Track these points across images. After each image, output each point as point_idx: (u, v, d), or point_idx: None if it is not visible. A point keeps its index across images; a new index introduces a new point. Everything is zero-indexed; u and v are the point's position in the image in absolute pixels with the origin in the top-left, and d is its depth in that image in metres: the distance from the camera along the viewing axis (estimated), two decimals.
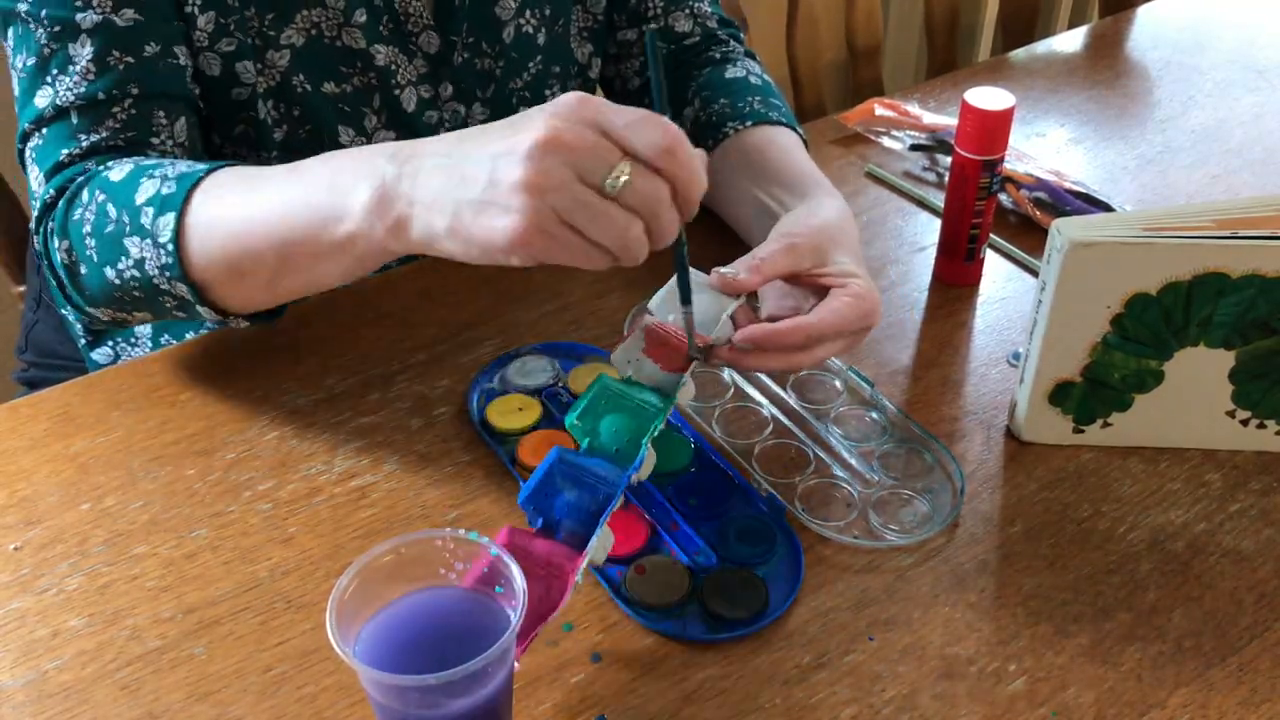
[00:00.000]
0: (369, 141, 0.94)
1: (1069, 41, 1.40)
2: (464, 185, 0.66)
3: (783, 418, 0.86)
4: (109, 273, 0.80)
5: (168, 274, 0.78)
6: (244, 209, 0.75)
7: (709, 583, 0.73)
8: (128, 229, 0.78)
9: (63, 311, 1.06)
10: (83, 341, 1.04)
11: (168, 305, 0.81)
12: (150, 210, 0.77)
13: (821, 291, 0.79)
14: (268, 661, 0.69)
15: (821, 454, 0.83)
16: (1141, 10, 1.46)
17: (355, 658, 0.57)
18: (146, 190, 0.78)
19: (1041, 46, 1.38)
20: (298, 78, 0.91)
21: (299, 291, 0.79)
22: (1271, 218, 0.76)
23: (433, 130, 0.97)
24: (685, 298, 0.74)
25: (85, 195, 0.81)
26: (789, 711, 0.67)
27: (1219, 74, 1.31)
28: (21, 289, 1.18)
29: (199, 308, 0.79)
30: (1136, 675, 0.69)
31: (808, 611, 0.72)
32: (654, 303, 0.78)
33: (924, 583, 0.74)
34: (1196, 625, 0.72)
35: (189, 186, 0.77)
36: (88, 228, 0.80)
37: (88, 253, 0.81)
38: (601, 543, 0.67)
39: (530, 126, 0.64)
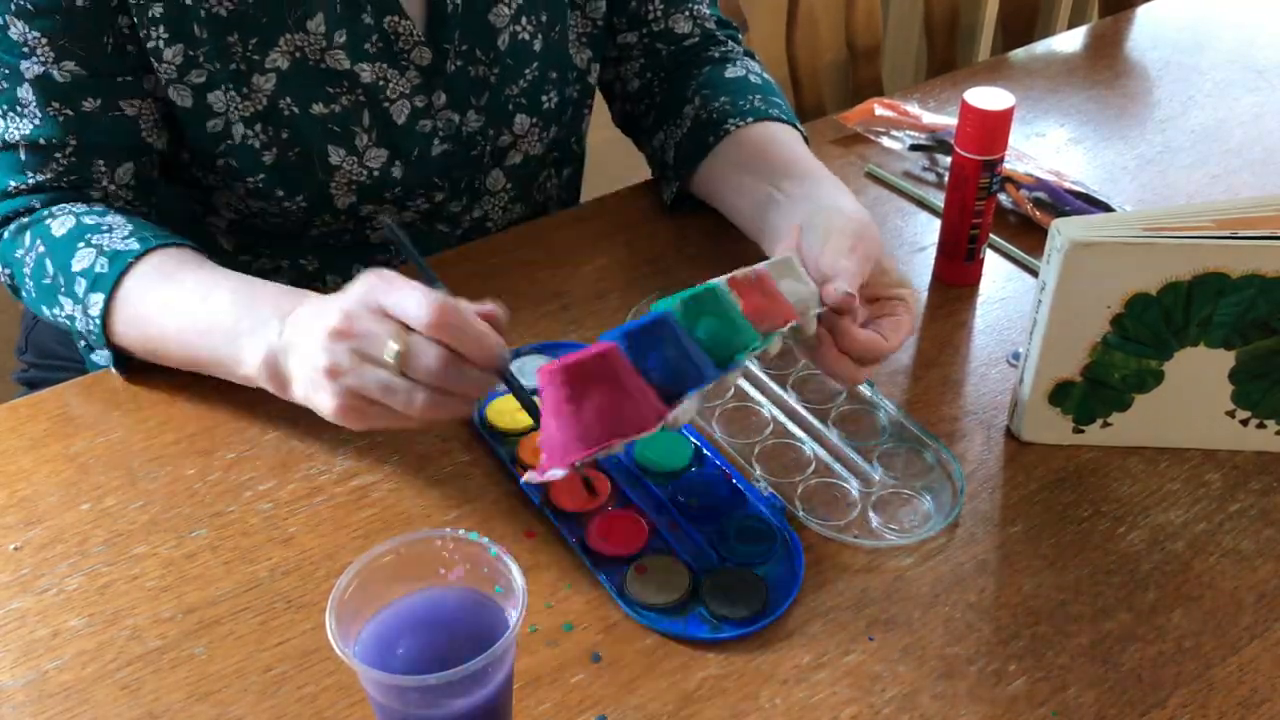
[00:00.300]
0: (360, 160, 0.94)
1: (1069, 41, 1.40)
2: (305, 366, 0.74)
3: (783, 418, 0.86)
4: (44, 310, 0.89)
5: (93, 337, 0.86)
6: (159, 321, 0.83)
7: (709, 582, 0.73)
8: (62, 289, 0.86)
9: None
10: (83, 343, 1.04)
11: (91, 354, 0.91)
12: (83, 282, 0.85)
13: (871, 298, 0.82)
14: (268, 661, 0.69)
15: (822, 454, 0.83)
16: (1141, 10, 1.46)
17: (355, 658, 0.57)
18: (82, 259, 0.85)
19: (1041, 46, 1.38)
20: (284, 100, 0.91)
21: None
22: (1271, 218, 0.76)
23: (426, 139, 0.97)
24: (534, 419, 0.73)
25: (28, 239, 0.88)
26: (789, 711, 0.67)
27: (1219, 74, 1.31)
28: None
29: (113, 368, 0.88)
30: (1136, 675, 0.69)
31: (808, 611, 0.72)
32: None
33: (924, 583, 0.74)
34: (1196, 625, 0.72)
35: (119, 273, 0.84)
36: (28, 269, 0.88)
37: (27, 286, 0.89)
38: (688, 407, 0.69)
39: (332, 314, 0.72)
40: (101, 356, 1.02)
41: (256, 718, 0.66)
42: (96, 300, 0.84)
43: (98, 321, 0.84)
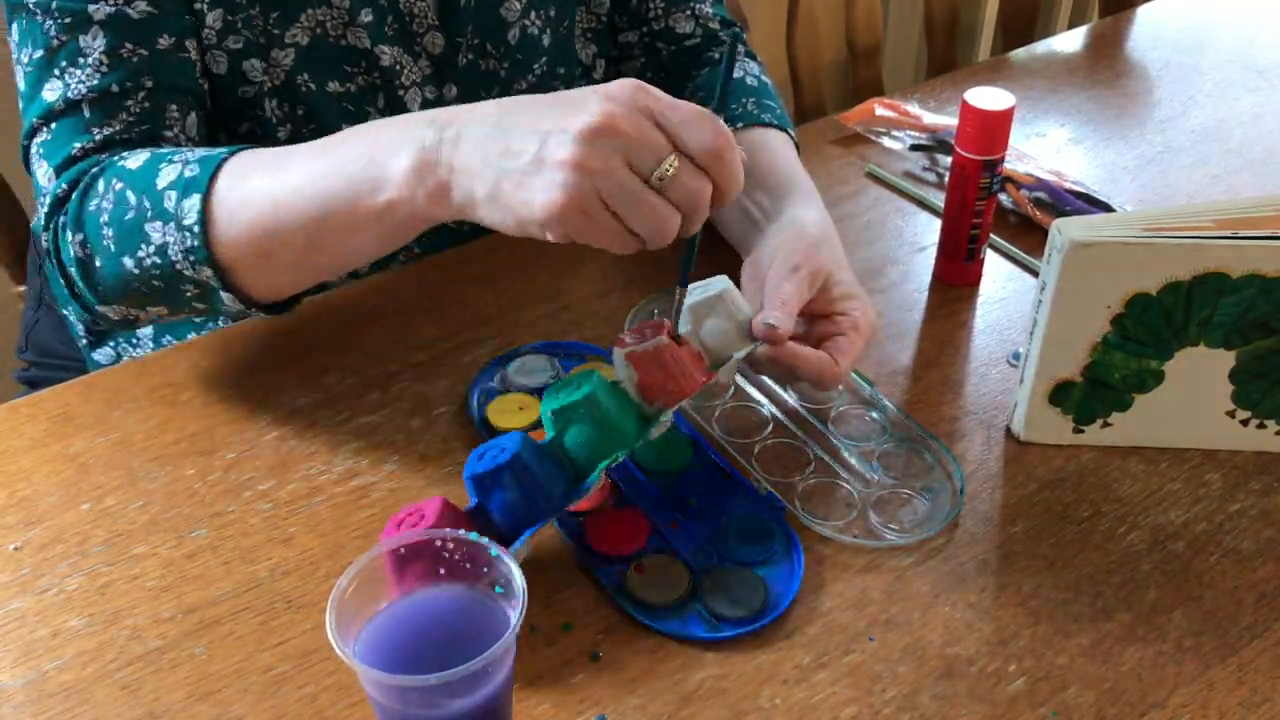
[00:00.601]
0: None
1: (1069, 41, 1.40)
2: (509, 156, 0.66)
3: (782, 417, 0.86)
4: (127, 262, 0.79)
5: (192, 258, 0.76)
6: (273, 186, 0.75)
7: (709, 582, 0.73)
8: (149, 214, 0.77)
9: (64, 311, 1.06)
10: (84, 341, 1.04)
11: (187, 295, 0.80)
12: (173, 194, 0.76)
13: (822, 314, 0.82)
14: (268, 661, 0.69)
15: (821, 453, 0.83)
16: (1141, 10, 1.46)
17: (355, 658, 0.57)
18: (167, 175, 0.77)
19: (1041, 46, 1.38)
20: (302, 77, 0.91)
21: (326, 269, 0.79)
22: (1271, 218, 0.76)
23: None
24: (684, 280, 0.75)
25: (101, 185, 0.80)
26: (789, 711, 0.67)
27: (1219, 74, 1.31)
28: (22, 289, 1.18)
29: (221, 294, 0.78)
30: (1136, 675, 0.69)
31: (808, 611, 0.72)
32: (684, 301, 0.77)
33: (924, 583, 0.74)
34: (1196, 625, 0.72)
35: (214, 168, 0.76)
36: (105, 217, 0.79)
37: (104, 243, 0.79)
38: (516, 555, 0.68)
39: (586, 107, 0.65)
40: (103, 352, 1.01)
41: (257, 718, 0.66)
42: (192, 205, 0.75)
43: (196, 231, 0.75)
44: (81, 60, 0.81)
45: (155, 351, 0.92)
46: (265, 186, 0.75)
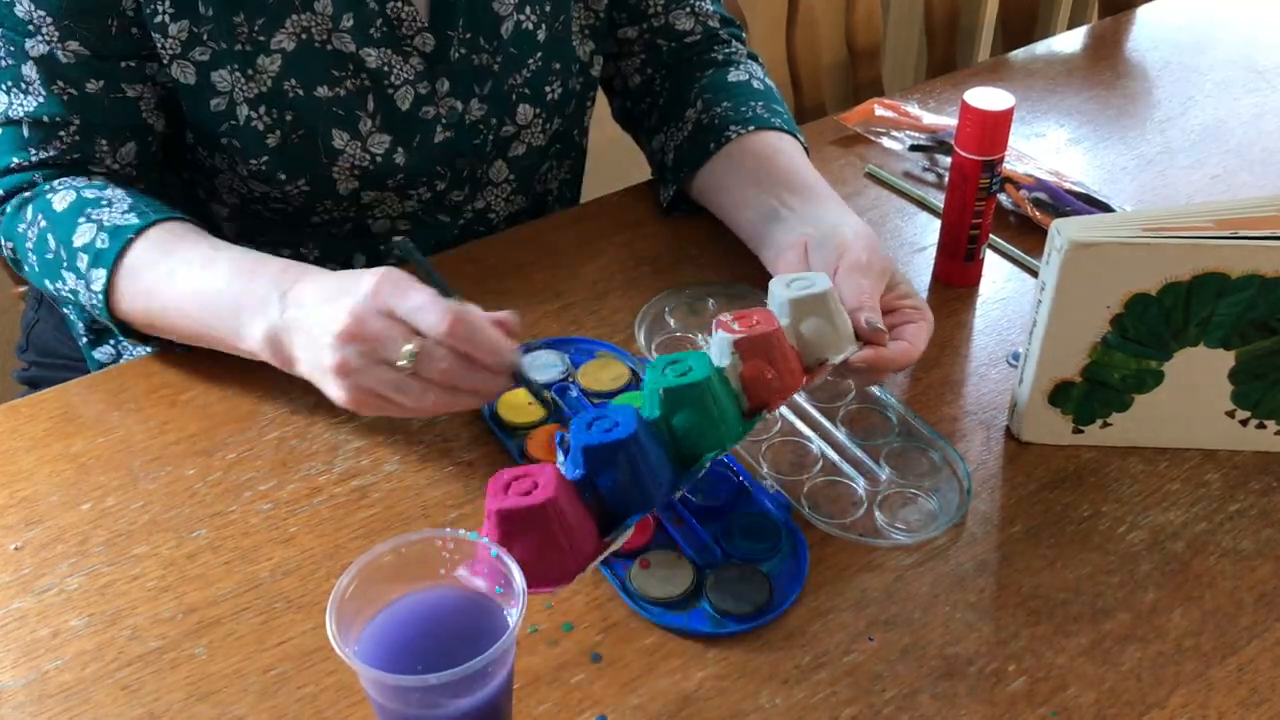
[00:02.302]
0: (364, 145, 0.95)
1: (1069, 42, 1.40)
2: (311, 353, 0.75)
3: (790, 415, 0.86)
4: (48, 284, 0.89)
5: (98, 311, 0.87)
6: (161, 292, 0.84)
7: (714, 578, 0.73)
8: (65, 264, 0.86)
9: (64, 310, 1.07)
10: (84, 340, 1.04)
11: (99, 325, 0.92)
12: (85, 258, 0.85)
13: (885, 310, 0.83)
14: (268, 661, 0.69)
15: (829, 452, 0.83)
16: (1141, 10, 1.46)
17: (355, 658, 0.57)
18: (84, 234, 0.86)
19: (1041, 47, 1.38)
20: (289, 82, 0.91)
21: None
22: (1271, 218, 0.76)
23: (429, 126, 0.97)
24: (543, 406, 0.80)
25: (29, 213, 0.89)
26: (789, 711, 0.67)
27: (1219, 74, 1.31)
28: (22, 289, 1.18)
29: (125, 340, 0.90)
30: (1136, 675, 0.69)
31: (808, 611, 0.72)
32: (775, 292, 0.77)
33: (924, 583, 0.74)
34: (1196, 625, 0.72)
35: (121, 247, 0.84)
36: (30, 244, 0.89)
37: (30, 261, 0.89)
38: (623, 536, 0.68)
39: (340, 313, 0.73)
40: (103, 350, 1.02)
41: (257, 718, 0.66)
42: (99, 276, 0.84)
43: (101, 297, 0.85)
44: (23, 85, 0.88)
45: (156, 352, 0.92)
46: (155, 289, 0.84)
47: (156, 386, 0.87)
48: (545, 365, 0.88)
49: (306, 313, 0.76)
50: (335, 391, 0.75)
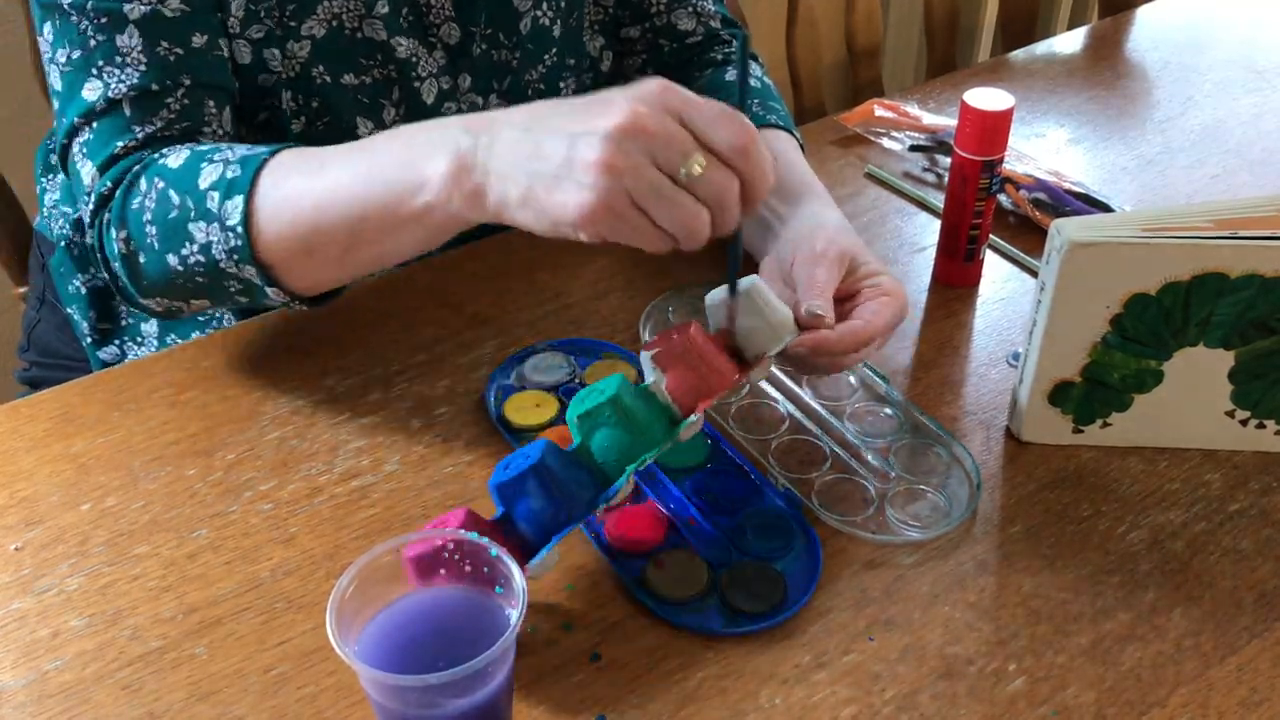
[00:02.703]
0: None
1: (1068, 42, 1.40)
2: (540, 159, 0.67)
3: (799, 414, 0.86)
4: (171, 259, 0.80)
5: (236, 257, 0.78)
6: (314, 187, 0.76)
7: (727, 576, 0.73)
8: (193, 214, 0.78)
9: (68, 310, 1.06)
10: (88, 340, 1.04)
11: (231, 290, 0.81)
12: (216, 194, 0.77)
13: (847, 295, 0.81)
14: (268, 661, 0.69)
15: (838, 450, 0.83)
16: (1141, 11, 1.46)
17: (355, 658, 0.57)
18: (209, 175, 0.78)
19: (1041, 47, 1.38)
20: (317, 69, 0.91)
21: (367, 266, 0.80)
22: (1271, 218, 0.76)
23: None
24: (732, 289, 0.75)
25: (143, 183, 0.81)
26: (789, 711, 0.67)
27: (1218, 74, 1.31)
28: (23, 289, 1.18)
29: (266, 289, 0.80)
30: (1136, 675, 0.69)
31: (808, 611, 0.72)
32: (709, 300, 0.77)
33: (924, 583, 0.74)
34: (1196, 625, 0.72)
35: (255, 168, 0.77)
36: (148, 215, 0.80)
37: (148, 240, 0.81)
38: (544, 563, 0.68)
39: (612, 109, 0.65)
40: (108, 351, 1.01)
41: (257, 718, 0.66)
42: (235, 206, 0.77)
43: (239, 231, 0.77)
44: (119, 59, 0.82)
45: (156, 352, 0.93)
46: (306, 187, 0.76)
47: (156, 386, 0.87)
48: (551, 367, 0.88)
49: (524, 125, 0.68)
50: (579, 196, 0.65)
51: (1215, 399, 0.81)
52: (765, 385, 0.88)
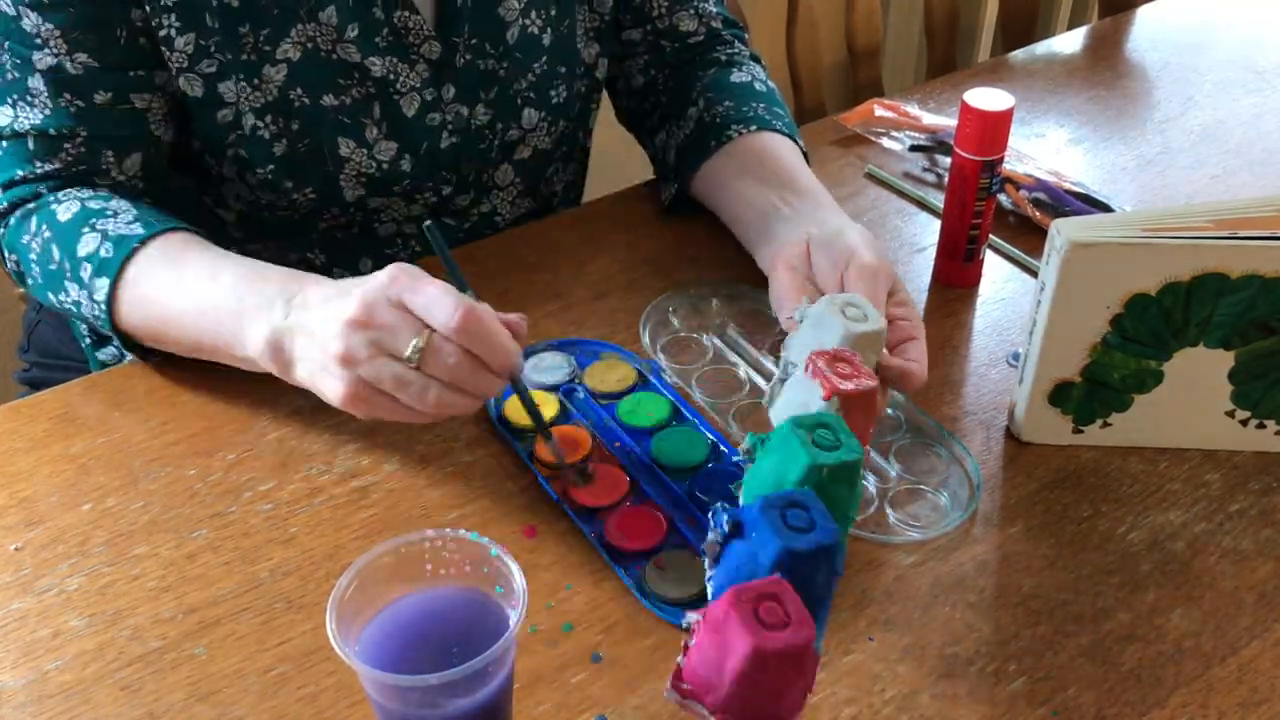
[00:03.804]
0: (370, 152, 0.95)
1: (1068, 42, 1.40)
2: (313, 348, 0.75)
3: None
4: (50, 296, 0.89)
5: (100, 322, 0.86)
6: (163, 302, 0.84)
7: None
8: (68, 274, 0.86)
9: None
10: (87, 341, 1.04)
11: (96, 351, 0.94)
12: (89, 267, 0.85)
13: None
14: (268, 662, 0.69)
15: None
16: (1141, 11, 1.46)
17: (355, 658, 0.57)
18: (87, 244, 0.85)
19: (1041, 47, 1.38)
20: (295, 91, 0.91)
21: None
22: (1271, 218, 0.76)
23: (434, 133, 0.97)
24: (544, 431, 0.79)
25: (34, 224, 0.88)
26: None
27: (1218, 75, 1.31)
28: (23, 290, 1.18)
29: (126, 353, 0.88)
30: (1136, 675, 0.69)
31: None
32: (794, 348, 0.75)
33: (924, 583, 0.74)
34: (1196, 625, 0.72)
35: (124, 257, 0.84)
36: (34, 256, 0.88)
37: (33, 273, 0.89)
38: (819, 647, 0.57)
39: (347, 303, 0.73)
40: (107, 352, 1.02)
41: (257, 718, 0.66)
42: (102, 285, 0.84)
43: (104, 307, 0.84)
44: (30, 98, 0.87)
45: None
46: (157, 299, 0.84)
47: (156, 386, 0.87)
48: (551, 367, 0.88)
49: (312, 313, 0.76)
50: (334, 385, 0.74)
51: (1215, 399, 0.81)
52: (764, 384, 0.88)
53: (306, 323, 0.76)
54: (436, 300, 0.71)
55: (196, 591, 0.73)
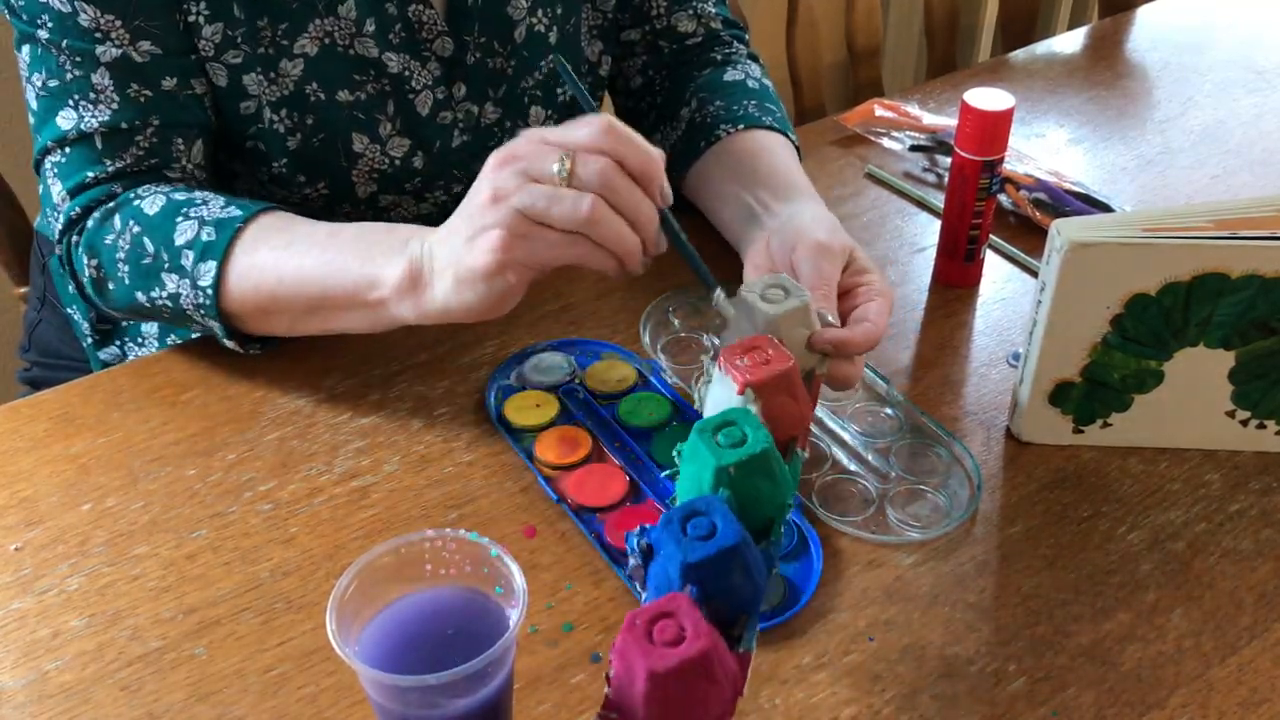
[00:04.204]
0: (383, 148, 0.95)
1: (1068, 42, 1.40)
2: (457, 236, 0.75)
3: None
4: (139, 295, 0.86)
5: (202, 311, 0.83)
6: (284, 263, 0.82)
7: None
8: (166, 266, 0.84)
9: (69, 311, 1.07)
10: (89, 341, 1.04)
11: (192, 328, 0.89)
12: (190, 254, 0.83)
13: (843, 291, 0.82)
14: (268, 662, 0.69)
15: (838, 450, 0.83)
16: (1141, 11, 1.46)
17: (355, 658, 0.57)
18: (185, 232, 0.83)
19: (1041, 47, 1.38)
20: (310, 86, 0.91)
21: (312, 332, 0.85)
22: (1271, 218, 0.76)
23: (446, 131, 0.97)
24: (707, 279, 0.77)
25: (118, 222, 0.86)
26: (789, 711, 0.67)
27: (1218, 75, 1.31)
28: (24, 290, 1.18)
29: (225, 340, 0.86)
30: (1136, 675, 0.69)
31: (808, 611, 0.72)
32: (726, 302, 0.76)
33: (924, 583, 0.74)
34: (1196, 625, 0.72)
35: (230, 235, 0.83)
36: (121, 254, 0.85)
37: (119, 274, 0.86)
38: (751, 641, 0.58)
39: (489, 161, 0.73)
40: (108, 351, 1.02)
41: (257, 718, 0.66)
42: (208, 269, 0.82)
43: (209, 292, 0.82)
44: (94, 95, 0.86)
45: (156, 352, 0.93)
46: (275, 261, 0.82)
47: (157, 386, 0.87)
48: (551, 367, 0.88)
49: (452, 222, 0.76)
50: (487, 236, 0.72)
51: (1215, 399, 0.81)
52: None
53: (446, 231, 0.76)
54: (576, 121, 0.72)
55: (196, 591, 0.73)
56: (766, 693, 0.68)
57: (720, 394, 0.69)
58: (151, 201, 0.85)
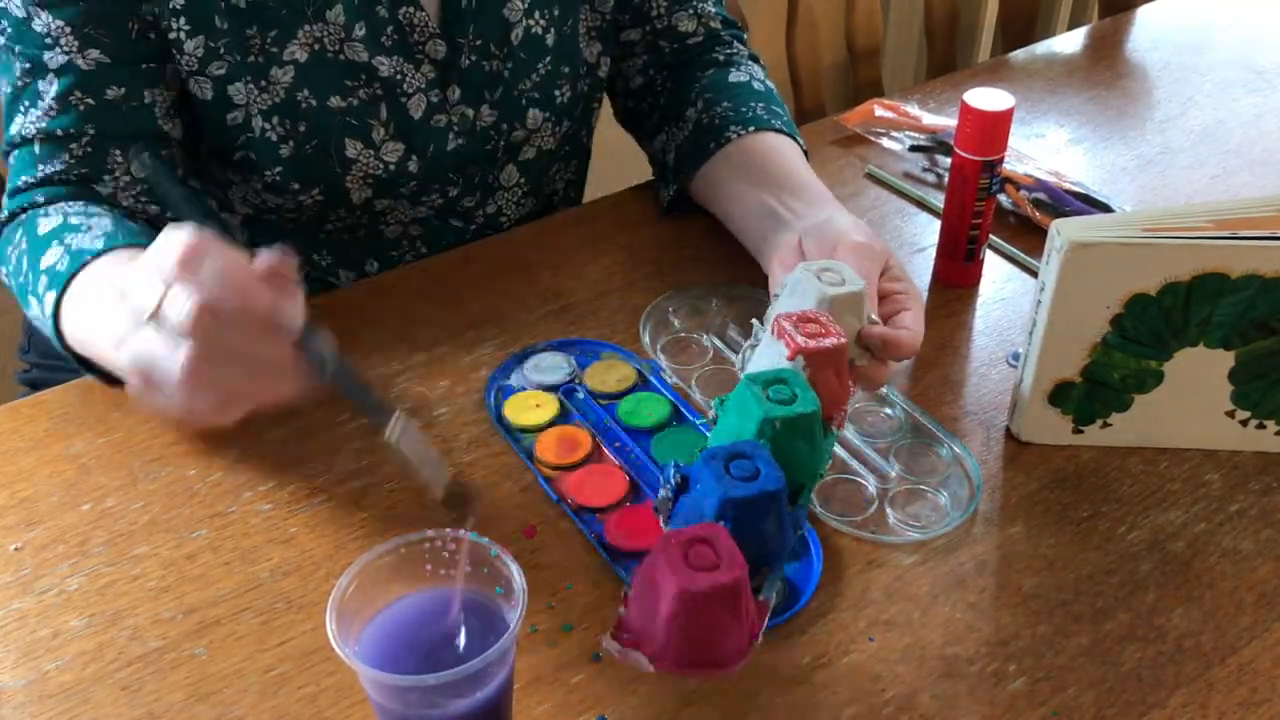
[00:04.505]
0: (377, 153, 0.95)
1: (1068, 42, 1.40)
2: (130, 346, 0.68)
3: None
4: (26, 310, 0.87)
5: (52, 337, 0.83)
6: (80, 321, 0.80)
7: None
8: (29, 288, 0.85)
9: None
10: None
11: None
12: (45, 280, 0.83)
13: (880, 295, 0.83)
14: (268, 662, 0.69)
15: (838, 450, 0.83)
16: (1141, 11, 1.46)
17: (355, 658, 0.57)
18: (49, 258, 0.83)
19: (1041, 47, 1.38)
20: (302, 93, 0.91)
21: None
22: (1271, 218, 0.76)
23: (440, 134, 0.97)
24: (379, 413, 0.68)
25: (17, 236, 0.87)
26: (789, 711, 0.67)
27: (1218, 75, 1.31)
28: None
29: (83, 370, 0.83)
30: (1136, 675, 0.69)
31: (808, 611, 0.72)
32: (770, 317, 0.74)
33: (924, 583, 0.74)
34: (1196, 625, 0.72)
35: (73, 270, 0.80)
36: (9, 267, 0.88)
37: (12, 286, 0.88)
38: (772, 591, 0.61)
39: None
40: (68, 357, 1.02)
41: (257, 718, 0.66)
42: (50, 298, 0.81)
43: (51, 323, 0.81)
44: (38, 101, 0.87)
45: None
46: (79, 314, 0.80)
47: None
48: (551, 367, 0.88)
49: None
50: (130, 378, 0.66)
51: (1215, 399, 0.81)
52: None
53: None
54: (162, 241, 0.63)
55: (196, 591, 0.73)
56: (766, 692, 0.68)
57: (767, 357, 0.68)
58: (49, 221, 0.85)
